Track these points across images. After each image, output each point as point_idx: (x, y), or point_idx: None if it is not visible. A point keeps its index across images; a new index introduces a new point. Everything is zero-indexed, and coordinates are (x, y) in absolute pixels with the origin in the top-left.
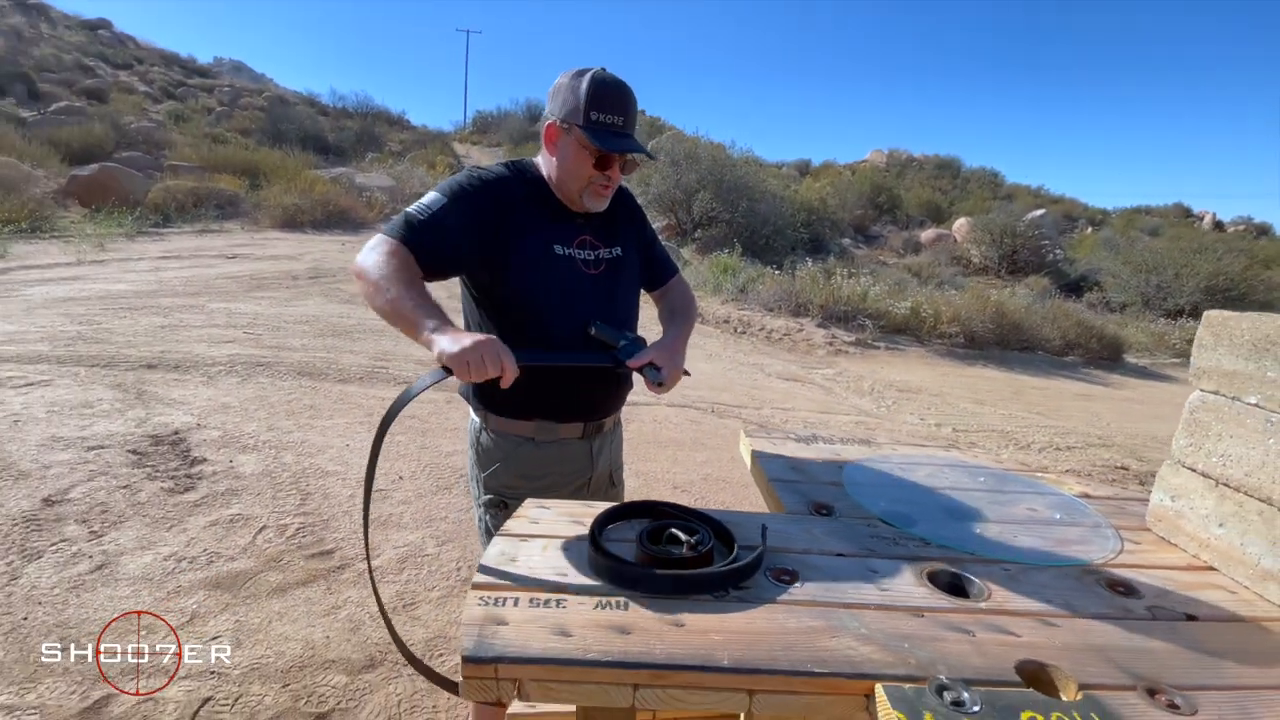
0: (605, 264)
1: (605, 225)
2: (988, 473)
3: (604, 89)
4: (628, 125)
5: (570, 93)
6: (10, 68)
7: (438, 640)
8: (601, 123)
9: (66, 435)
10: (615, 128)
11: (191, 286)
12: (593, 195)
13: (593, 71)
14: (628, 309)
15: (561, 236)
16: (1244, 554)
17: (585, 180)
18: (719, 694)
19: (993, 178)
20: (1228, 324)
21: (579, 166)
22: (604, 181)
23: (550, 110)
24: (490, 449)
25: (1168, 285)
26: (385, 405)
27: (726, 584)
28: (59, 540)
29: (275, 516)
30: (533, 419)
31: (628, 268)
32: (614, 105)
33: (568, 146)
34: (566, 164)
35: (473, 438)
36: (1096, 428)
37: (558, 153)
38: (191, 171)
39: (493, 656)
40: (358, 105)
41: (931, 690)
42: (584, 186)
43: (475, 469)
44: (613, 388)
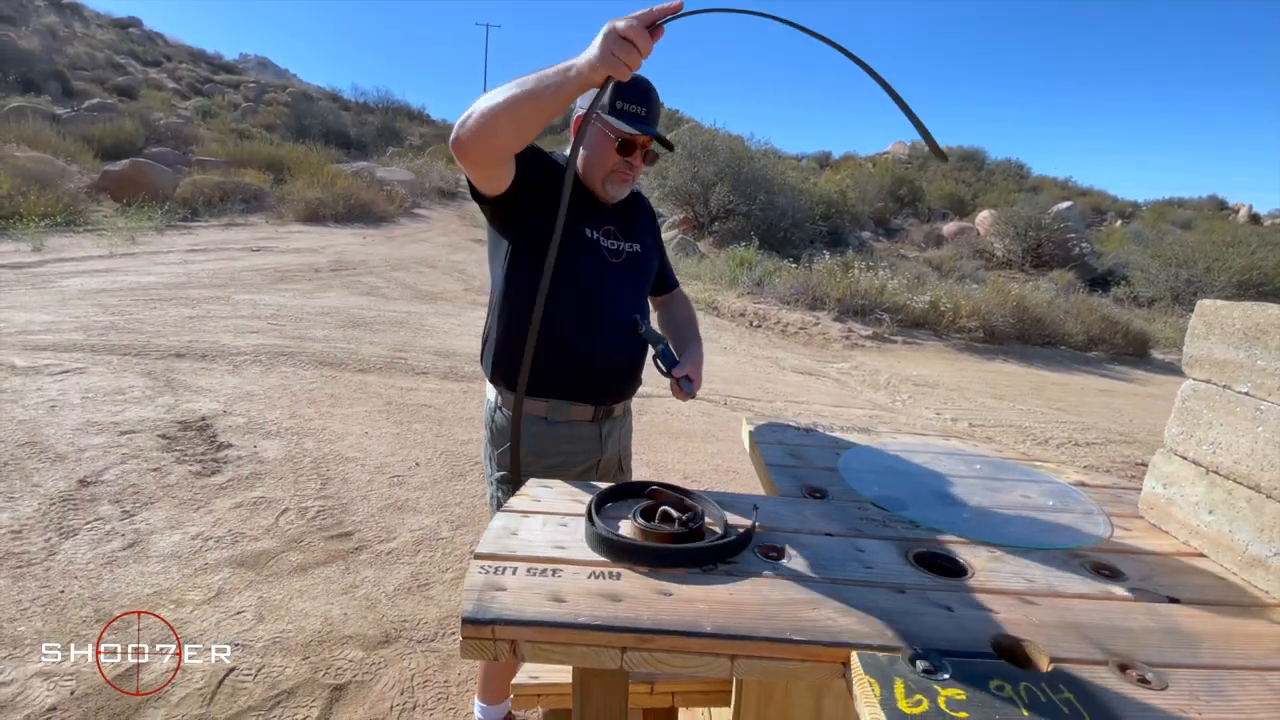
0: (626, 256)
1: (627, 220)
2: (984, 460)
3: (629, 82)
4: (650, 117)
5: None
6: (45, 66)
7: (449, 619)
8: (625, 111)
9: (100, 420)
10: (638, 116)
11: (218, 278)
12: (615, 182)
13: None
14: (644, 303)
15: (591, 221)
16: (1232, 540)
17: (609, 166)
18: (702, 658)
19: (1018, 169)
20: (1219, 313)
21: (603, 152)
22: (626, 168)
23: (578, 103)
24: (504, 427)
25: (1198, 279)
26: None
27: (715, 558)
28: (94, 519)
29: (297, 500)
30: (546, 398)
31: (644, 264)
32: (637, 96)
33: (593, 134)
34: (591, 150)
35: (488, 416)
36: (1118, 424)
37: (584, 141)
38: (218, 166)
39: (490, 619)
40: (379, 100)
41: (905, 659)
42: (607, 173)
43: (489, 447)
44: (624, 374)
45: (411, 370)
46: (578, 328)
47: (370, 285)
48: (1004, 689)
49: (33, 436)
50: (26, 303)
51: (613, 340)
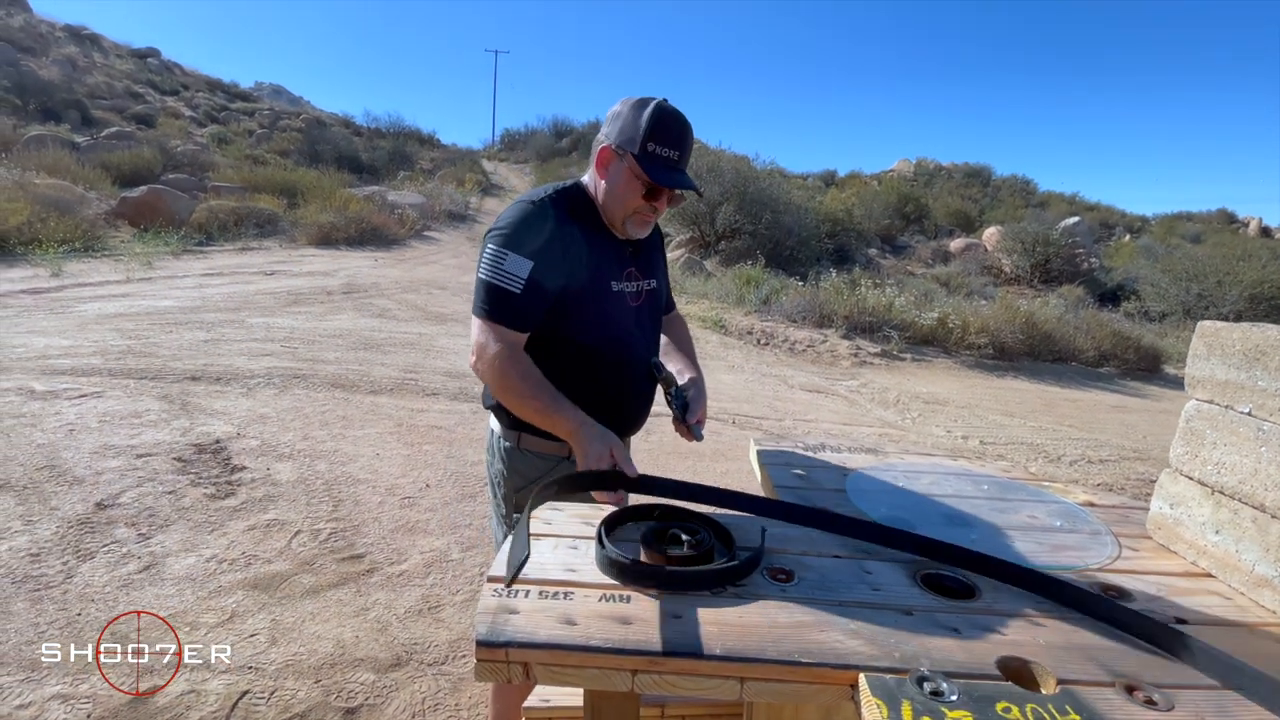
0: (645, 295)
1: (646, 256)
2: (992, 480)
3: (665, 121)
4: (682, 160)
5: (630, 120)
6: (65, 95)
7: (460, 642)
8: (657, 155)
9: (117, 443)
10: (670, 162)
11: (232, 302)
12: (636, 224)
13: (656, 102)
14: (659, 336)
15: (616, 271)
16: (1239, 560)
17: (631, 209)
18: (712, 680)
19: (1025, 185)
20: (1220, 334)
21: (628, 194)
22: (649, 212)
23: (606, 133)
24: (525, 468)
25: (1209, 294)
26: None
27: (723, 581)
28: (110, 542)
29: (309, 522)
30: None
31: (659, 299)
32: (672, 139)
33: (619, 173)
34: (615, 190)
35: (502, 454)
36: (1131, 440)
37: (608, 177)
38: (233, 192)
39: (504, 641)
40: (390, 125)
41: (912, 681)
42: (629, 215)
43: (503, 487)
44: (643, 414)
45: (422, 391)
46: (607, 379)
47: (381, 307)
48: (1010, 711)
49: (51, 460)
50: (45, 327)
51: (636, 385)
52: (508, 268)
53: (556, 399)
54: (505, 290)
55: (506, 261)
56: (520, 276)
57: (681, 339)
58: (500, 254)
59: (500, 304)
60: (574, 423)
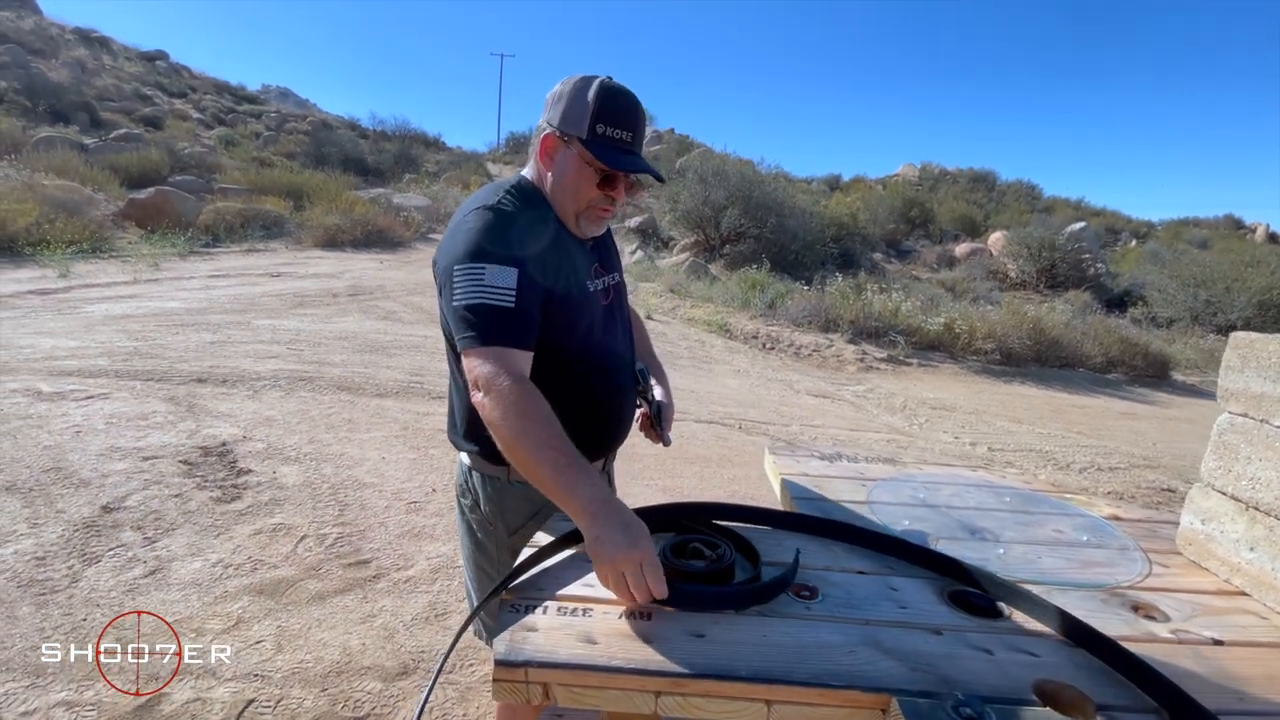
0: (612, 291)
1: (607, 250)
2: (1014, 493)
3: (613, 100)
4: (636, 143)
5: (574, 101)
6: (74, 97)
7: (468, 650)
8: (608, 137)
9: (124, 446)
10: (623, 144)
11: (238, 304)
12: (591, 219)
13: (600, 79)
14: (633, 338)
15: (587, 271)
16: (1275, 579)
17: (585, 202)
18: (737, 703)
19: (1030, 190)
20: (1255, 346)
21: (580, 184)
22: (606, 204)
23: (549, 118)
24: (519, 504)
25: (1217, 300)
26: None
27: (750, 602)
28: (116, 545)
29: (315, 526)
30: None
31: (624, 294)
32: (623, 119)
33: (568, 161)
34: (565, 181)
35: (488, 493)
36: (1141, 448)
37: (555, 167)
38: (240, 194)
39: (523, 660)
40: (396, 128)
41: (948, 706)
42: (583, 209)
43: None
44: (632, 413)
45: (428, 394)
46: (599, 385)
47: (387, 310)
48: None
49: (58, 462)
50: (52, 328)
51: (627, 393)
52: (491, 281)
53: (580, 459)
54: (496, 307)
55: (486, 275)
56: (508, 287)
57: (642, 336)
58: (475, 270)
59: (495, 323)
60: (595, 501)
